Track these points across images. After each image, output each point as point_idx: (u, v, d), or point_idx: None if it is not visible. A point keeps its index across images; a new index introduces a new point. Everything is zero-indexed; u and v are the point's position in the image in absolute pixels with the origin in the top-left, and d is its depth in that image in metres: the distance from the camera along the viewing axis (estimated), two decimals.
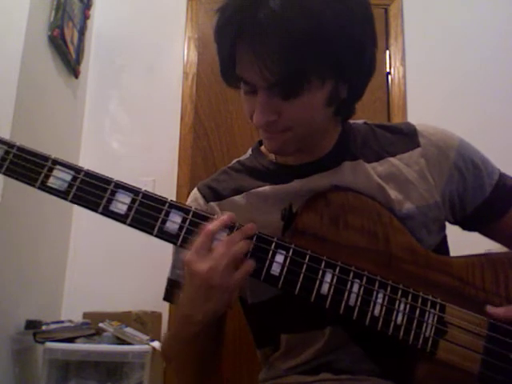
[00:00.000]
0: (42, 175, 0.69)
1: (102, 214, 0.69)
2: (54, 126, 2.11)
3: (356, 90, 0.78)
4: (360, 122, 0.91)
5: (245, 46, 0.70)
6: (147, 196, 0.70)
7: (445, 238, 0.87)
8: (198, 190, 0.90)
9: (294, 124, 0.75)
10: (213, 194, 0.88)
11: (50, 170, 0.70)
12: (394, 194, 0.81)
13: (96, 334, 1.87)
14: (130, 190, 0.70)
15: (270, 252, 0.69)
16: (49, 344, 1.76)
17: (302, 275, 0.69)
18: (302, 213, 0.74)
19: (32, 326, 1.81)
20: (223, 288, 0.66)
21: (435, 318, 0.71)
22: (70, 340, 1.80)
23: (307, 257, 0.70)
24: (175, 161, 2.42)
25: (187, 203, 0.89)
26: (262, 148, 0.93)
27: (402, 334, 0.70)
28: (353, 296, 0.69)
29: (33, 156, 0.71)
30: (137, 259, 2.26)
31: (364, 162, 0.83)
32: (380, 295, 0.70)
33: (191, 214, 0.69)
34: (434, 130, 0.86)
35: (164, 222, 0.68)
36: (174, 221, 0.69)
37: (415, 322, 0.70)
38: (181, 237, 0.69)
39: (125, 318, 2.01)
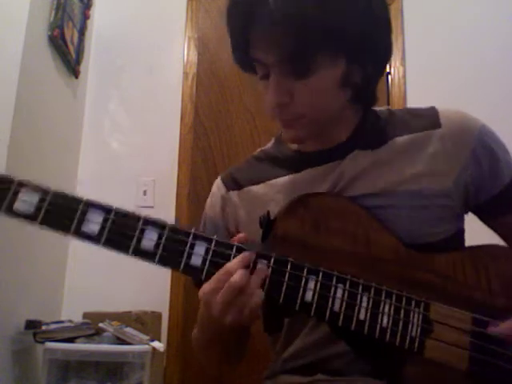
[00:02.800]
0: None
1: (73, 235, 0.67)
2: (54, 126, 2.11)
3: (372, 76, 0.80)
4: (383, 108, 0.91)
5: (259, 30, 0.73)
6: (120, 213, 0.67)
7: (461, 231, 0.85)
8: (221, 178, 0.93)
9: (307, 110, 0.77)
10: (233, 183, 0.90)
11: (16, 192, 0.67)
12: (395, 173, 0.81)
13: (96, 334, 1.86)
14: (103, 209, 0.67)
15: (251, 264, 0.68)
16: (49, 344, 1.76)
17: (284, 284, 0.68)
18: (281, 219, 0.74)
19: (32, 326, 1.81)
20: (240, 318, 0.66)
21: (420, 317, 0.71)
22: (70, 340, 1.80)
23: (289, 265, 0.69)
24: (175, 161, 2.43)
25: (211, 191, 0.93)
26: None
27: (388, 336, 0.70)
28: (337, 301, 0.69)
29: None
30: (137, 259, 2.25)
31: (378, 147, 0.83)
32: (364, 298, 0.70)
33: (167, 229, 0.67)
34: (455, 114, 0.85)
35: (139, 240, 0.67)
36: (151, 238, 0.67)
37: (401, 323, 0.70)
38: (158, 255, 0.67)
39: (125, 318, 2.01)
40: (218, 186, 0.93)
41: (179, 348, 2.25)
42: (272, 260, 0.69)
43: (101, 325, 1.90)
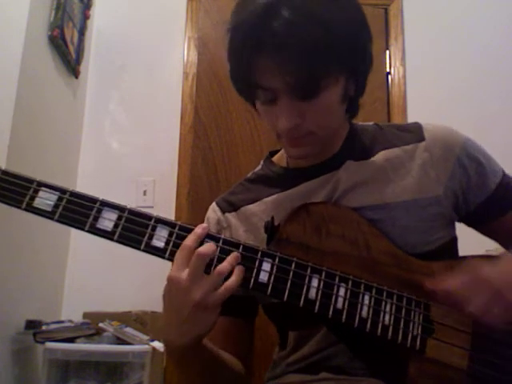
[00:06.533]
0: (28, 197, 0.69)
1: (88, 231, 0.69)
2: (54, 126, 2.11)
3: (361, 87, 0.83)
4: (370, 123, 0.94)
5: (265, 57, 0.72)
6: (133, 212, 0.70)
7: (454, 239, 0.87)
8: (216, 203, 0.94)
9: (317, 127, 0.78)
10: (229, 206, 0.92)
11: (36, 191, 0.70)
12: (389, 186, 0.83)
13: (96, 334, 1.86)
14: (116, 208, 0.70)
15: (257, 261, 0.70)
16: (49, 344, 1.76)
17: (289, 281, 0.70)
18: (285, 224, 0.76)
19: (32, 326, 1.81)
20: (205, 303, 0.65)
21: (421, 317, 0.72)
22: (70, 340, 1.80)
23: (293, 263, 0.70)
24: (175, 161, 2.43)
25: (206, 216, 0.94)
26: (274, 158, 0.96)
27: (390, 333, 0.71)
28: (340, 299, 0.70)
29: (18, 179, 0.70)
30: (137, 259, 2.24)
31: (368, 157, 0.86)
32: (366, 297, 0.71)
33: (177, 227, 0.70)
34: (439, 127, 0.88)
35: (151, 236, 0.69)
36: (161, 235, 0.69)
37: (402, 321, 0.71)
38: (168, 251, 0.69)
39: (125, 318, 2.01)
40: (213, 209, 0.94)
41: None
42: (277, 259, 0.70)
43: (101, 325, 1.90)
